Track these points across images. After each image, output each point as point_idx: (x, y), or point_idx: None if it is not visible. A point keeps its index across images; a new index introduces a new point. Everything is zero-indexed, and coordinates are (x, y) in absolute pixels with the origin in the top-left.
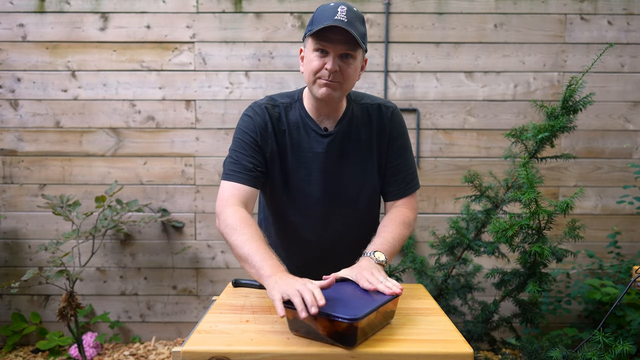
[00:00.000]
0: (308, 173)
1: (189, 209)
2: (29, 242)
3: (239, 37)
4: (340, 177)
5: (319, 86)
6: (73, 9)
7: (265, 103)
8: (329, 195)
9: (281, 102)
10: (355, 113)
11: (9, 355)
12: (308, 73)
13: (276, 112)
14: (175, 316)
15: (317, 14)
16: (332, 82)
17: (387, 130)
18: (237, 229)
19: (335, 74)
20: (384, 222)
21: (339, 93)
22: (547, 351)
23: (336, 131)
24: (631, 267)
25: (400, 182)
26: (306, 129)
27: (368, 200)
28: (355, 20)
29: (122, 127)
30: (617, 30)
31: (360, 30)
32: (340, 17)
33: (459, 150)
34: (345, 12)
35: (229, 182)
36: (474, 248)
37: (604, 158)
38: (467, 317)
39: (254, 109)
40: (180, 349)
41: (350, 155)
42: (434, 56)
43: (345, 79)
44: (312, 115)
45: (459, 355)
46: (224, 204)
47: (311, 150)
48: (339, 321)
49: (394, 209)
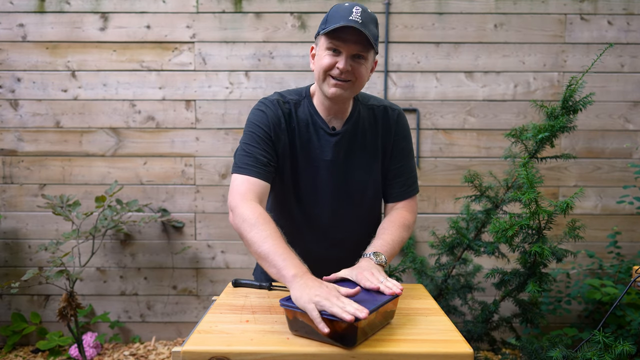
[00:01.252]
0: (315, 171)
1: (189, 209)
2: (29, 242)
3: (239, 37)
4: (346, 177)
5: (329, 85)
6: (73, 9)
7: (277, 99)
8: (334, 194)
9: (290, 98)
10: (361, 114)
11: (9, 355)
12: (318, 70)
13: (287, 108)
14: (175, 316)
15: (332, 13)
16: (343, 81)
17: (392, 132)
18: (255, 224)
19: (346, 73)
20: (384, 224)
21: (348, 92)
22: (547, 351)
23: (343, 130)
24: (631, 267)
25: (402, 184)
26: (315, 127)
27: (372, 201)
28: (369, 22)
29: (122, 127)
30: (617, 30)
31: (373, 32)
32: (354, 18)
33: (459, 150)
34: (360, 13)
35: (242, 175)
36: (474, 248)
37: (604, 158)
38: (467, 317)
39: (266, 104)
40: (180, 349)
41: (356, 155)
42: (434, 56)
43: (357, 79)
44: (321, 114)
45: (459, 355)
46: (239, 198)
47: (319, 148)
48: (339, 321)
49: (394, 211)
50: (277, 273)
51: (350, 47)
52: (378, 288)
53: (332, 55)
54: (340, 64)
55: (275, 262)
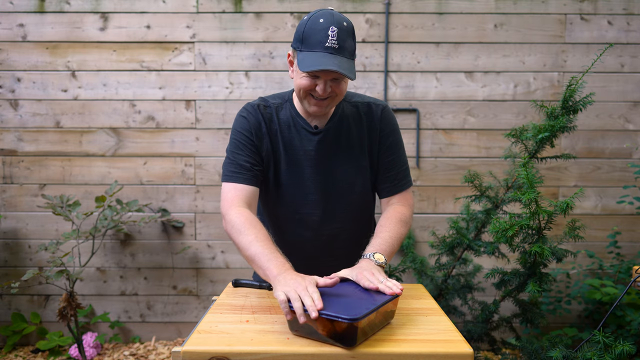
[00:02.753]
0: (300, 171)
1: (189, 209)
2: (29, 242)
3: (239, 37)
4: (332, 174)
5: (310, 104)
6: (73, 9)
7: (258, 103)
8: (322, 192)
9: (272, 102)
10: (345, 112)
11: (9, 355)
12: (298, 89)
13: (268, 112)
14: (175, 316)
15: (307, 33)
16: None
17: (378, 128)
18: (242, 230)
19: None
20: (381, 222)
21: (330, 107)
22: (547, 351)
23: (327, 129)
24: (631, 267)
25: (393, 178)
26: (297, 127)
27: (361, 198)
28: (346, 40)
29: (122, 127)
30: (617, 30)
31: (350, 48)
32: (331, 44)
33: (459, 150)
34: (336, 34)
35: (229, 183)
36: (474, 248)
37: (604, 158)
38: (467, 317)
39: (247, 109)
40: (180, 349)
41: (341, 152)
42: (434, 56)
43: (337, 95)
44: (303, 115)
45: (459, 355)
46: (228, 205)
47: (302, 148)
48: (339, 321)
49: (390, 207)
50: (264, 273)
51: (328, 75)
52: (377, 288)
53: (310, 78)
54: (319, 88)
55: (261, 264)
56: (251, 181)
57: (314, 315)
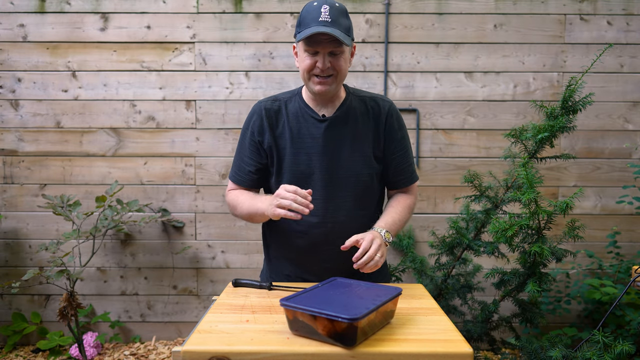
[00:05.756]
0: (308, 158)
1: (189, 209)
2: (29, 242)
3: (239, 38)
4: (338, 161)
5: (314, 83)
6: (73, 9)
7: (265, 100)
8: (329, 179)
9: (282, 97)
10: (353, 104)
11: (9, 355)
12: (302, 71)
13: (275, 105)
14: (175, 316)
15: (303, 15)
16: (326, 77)
17: (384, 121)
18: (236, 204)
19: (327, 70)
20: (392, 204)
21: (334, 86)
22: (546, 351)
23: (334, 117)
24: (631, 267)
25: (405, 171)
26: (305, 116)
27: (366, 186)
28: (339, 16)
29: (122, 127)
30: (616, 30)
31: (344, 24)
32: (324, 18)
33: (458, 150)
34: (329, 11)
35: (231, 181)
36: (474, 248)
37: (603, 158)
38: (467, 317)
39: (253, 107)
40: (180, 349)
41: (347, 141)
42: (434, 56)
43: (338, 72)
44: (312, 106)
45: (459, 355)
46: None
47: (310, 135)
48: (339, 321)
49: (399, 195)
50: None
51: (325, 47)
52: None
53: (311, 57)
54: (319, 63)
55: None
56: (248, 183)
57: (307, 212)
